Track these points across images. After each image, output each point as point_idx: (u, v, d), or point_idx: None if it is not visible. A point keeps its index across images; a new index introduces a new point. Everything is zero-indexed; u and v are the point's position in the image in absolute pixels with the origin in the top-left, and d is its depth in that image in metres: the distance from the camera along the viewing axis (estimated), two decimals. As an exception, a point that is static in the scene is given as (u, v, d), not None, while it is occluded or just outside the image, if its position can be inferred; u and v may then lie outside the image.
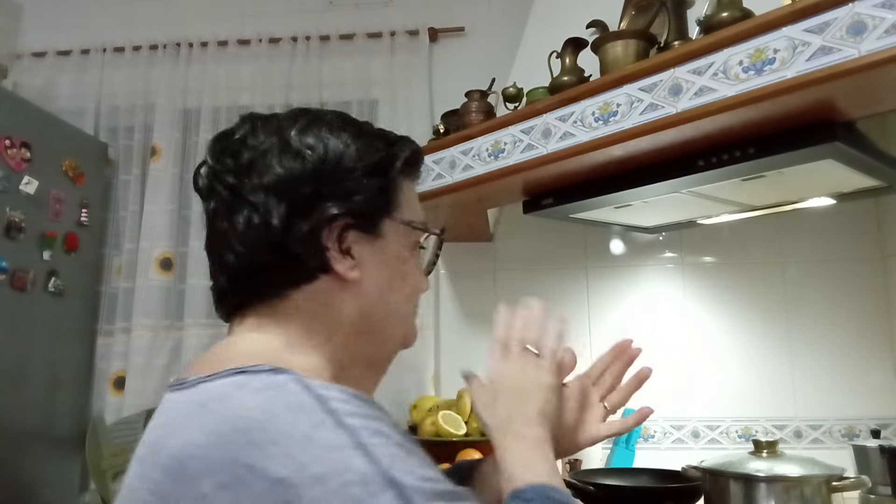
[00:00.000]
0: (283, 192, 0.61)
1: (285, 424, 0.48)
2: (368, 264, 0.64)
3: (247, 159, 0.63)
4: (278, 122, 0.65)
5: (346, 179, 0.63)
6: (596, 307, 1.95)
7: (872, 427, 1.58)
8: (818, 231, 1.82)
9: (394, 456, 0.48)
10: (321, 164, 0.62)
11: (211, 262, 0.66)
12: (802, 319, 1.81)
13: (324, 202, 0.61)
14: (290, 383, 0.52)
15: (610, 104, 1.19)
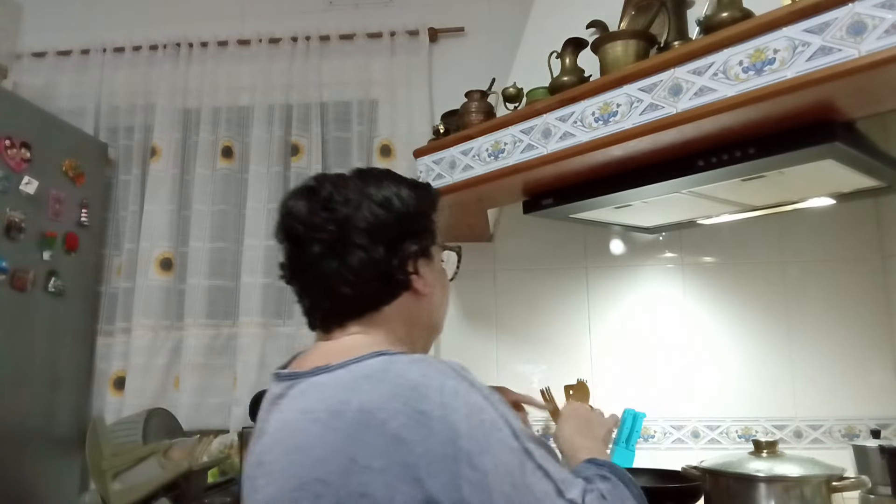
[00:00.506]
0: (379, 236, 0.83)
1: (439, 383, 0.71)
2: (430, 280, 0.89)
3: (343, 214, 0.83)
4: (354, 182, 0.87)
5: (416, 221, 0.88)
6: (596, 307, 1.95)
7: (872, 427, 1.58)
8: (818, 231, 1.82)
9: (505, 408, 0.73)
10: (401, 212, 0.86)
11: (312, 291, 0.88)
12: (802, 319, 1.81)
13: (406, 240, 0.86)
14: (429, 358, 0.76)
15: (610, 104, 1.19)
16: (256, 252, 2.12)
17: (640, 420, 1.81)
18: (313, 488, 0.68)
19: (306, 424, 0.73)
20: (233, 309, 2.14)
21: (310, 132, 2.20)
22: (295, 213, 0.86)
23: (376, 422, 0.68)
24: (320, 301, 0.86)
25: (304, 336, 2.08)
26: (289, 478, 0.71)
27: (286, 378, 0.81)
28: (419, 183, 0.92)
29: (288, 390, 0.79)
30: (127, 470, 1.63)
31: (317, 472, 0.69)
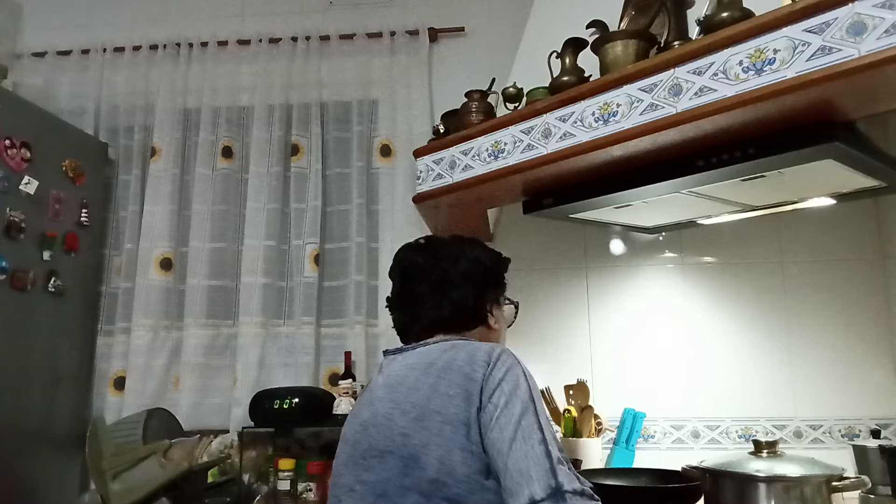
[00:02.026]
0: (471, 281, 1.17)
1: (500, 351, 1.01)
2: (499, 320, 1.23)
3: (446, 263, 1.17)
4: (454, 242, 1.22)
5: (496, 275, 1.24)
6: (596, 307, 1.95)
7: (872, 427, 1.59)
8: (818, 231, 1.82)
9: (537, 393, 0.98)
10: (486, 267, 1.21)
11: (417, 312, 1.16)
12: (802, 319, 1.81)
13: (488, 287, 1.21)
14: (501, 345, 1.07)
15: (610, 104, 1.19)
16: (256, 252, 2.12)
17: (640, 420, 1.81)
18: (403, 407, 1.00)
19: (406, 371, 1.05)
20: (233, 309, 2.14)
21: (310, 132, 2.20)
22: (410, 260, 1.19)
23: (456, 366, 0.99)
24: (419, 318, 1.15)
25: (304, 336, 2.08)
26: (387, 402, 1.03)
27: (394, 352, 1.14)
28: (496, 251, 1.26)
29: (395, 356, 1.12)
30: (127, 470, 1.63)
31: (410, 398, 1.00)
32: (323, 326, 2.12)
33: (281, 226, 2.17)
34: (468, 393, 0.95)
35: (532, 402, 0.94)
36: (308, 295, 2.10)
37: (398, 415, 1.00)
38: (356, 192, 2.15)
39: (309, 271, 2.11)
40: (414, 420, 0.97)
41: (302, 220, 2.15)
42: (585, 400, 1.80)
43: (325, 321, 2.13)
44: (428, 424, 0.95)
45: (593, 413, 1.77)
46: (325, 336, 2.12)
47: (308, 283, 2.10)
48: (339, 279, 2.14)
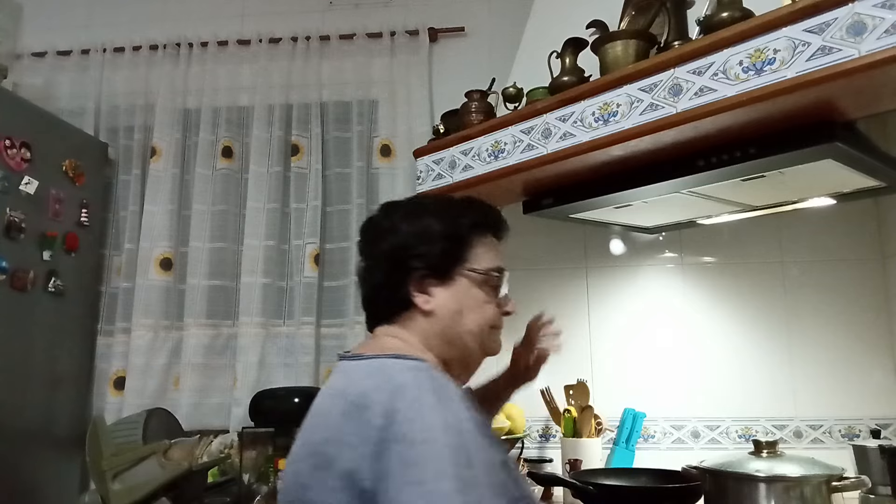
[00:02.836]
0: (388, 259, 0.98)
1: (414, 394, 0.79)
2: (440, 300, 0.96)
3: (377, 241, 1.00)
4: (403, 205, 1.04)
5: (427, 245, 0.96)
6: (596, 307, 1.95)
7: (872, 427, 1.59)
8: (818, 231, 1.82)
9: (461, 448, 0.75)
10: (408, 239, 0.97)
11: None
12: (802, 319, 1.81)
13: (410, 262, 0.96)
14: (428, 370, 0.85)
15: (610, 104, 1.19)
16: (256, 252, 2.12)
17: (640, 420, 1.81)
18: (312, 448, 0.84)
19: (325, 398, 0.90)
20: (233, 309, 2.14)
21: (310, 132, 2.20)
22: (361, 231, 1.06)
23: (363, 408, 0.79)
24: (365, 309, 1.05)
25: (304, 336, 2.08)
26: (303, 435, 0.88)
27: (340, 358, 1.01)
28: (461, 209, 1.01)
29: (341, 364, 0.98)
30: (127, 470, 1.63)
31: (316, 436, 0.85)
32: (323, 326, 2.12)
33: (281, 226, 2.17)
34: (348, 472, 0.75)
35: (450, 467, 0.71)
36: (308, 295, 2.10)
37: (301, 457, 0.85)
38: (356, 192, 2.15)
39: (309, 271, 2.11)
40: (312, 468, 0.81)
41: (302, 220, 2.15)
42: (585, 400, 1.80)
43: (325, 321, 2.13)
44: (324, 478, 0.78)
45: (593, 413, 1.77)
46: (325, 336, 2.12)
47: (308, 283, 2.10)
48: (339, 279, 2.14)
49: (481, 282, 0.97)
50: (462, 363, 0.99)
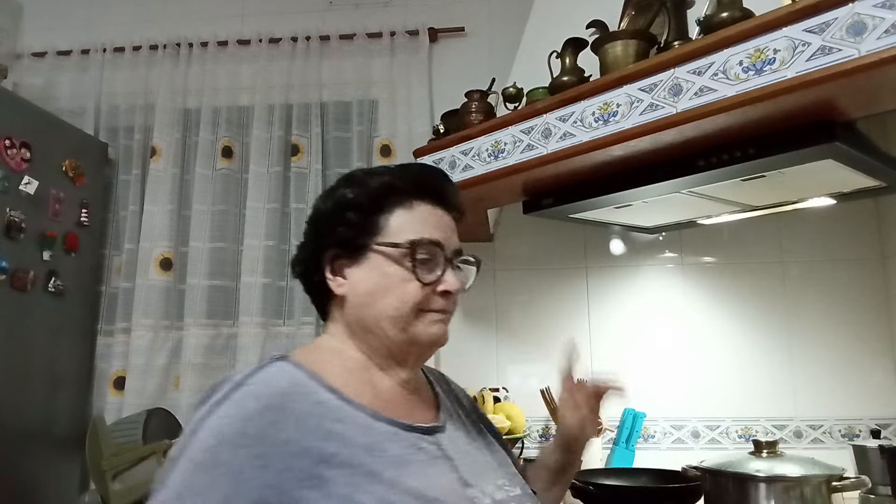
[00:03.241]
0: (305, 241, 0.89)
1: (203, 415, 0.71)
2: (353, 281, 0.83)
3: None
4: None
5: (335, 221, 0.84)
6: (596, 307, 1.95)
7: (872, 427, 1.59)
8: (818, 231, 1.83)
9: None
10: (319, 215, 0.87)
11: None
12: (802, 319, 1.81)
13: (319, 242, 0.86)
14: (249, 388, 0.72)
15: (610, 104, 1.19)
16: (256, 252, 2.12)
17: (640, 420, 1.81)
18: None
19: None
20: (233, 309, 2.14)
21: (310, 132, 2.20)
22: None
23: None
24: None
25: (304, 336, 2.08)
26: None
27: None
28: (381, 173, 0.87)
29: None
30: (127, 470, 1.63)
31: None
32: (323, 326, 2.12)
33: (281, 226, 2.17)
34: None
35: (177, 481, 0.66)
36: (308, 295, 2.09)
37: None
38: (356, 192, 2.15)
39: (309, 271, 2.10)
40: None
41: (302, 220, 2.12)
42: (585, 400, 1.80)
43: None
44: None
45: (593, 413, 1.77)
46: (325, 336, 2.12)
47: (308, 283, 2.10)
48: (339, 279, 2.14)
49: (399, 257, 0.81)
50: (386, 354, 0.84)
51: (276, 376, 0.75)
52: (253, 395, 0.72)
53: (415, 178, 0.86)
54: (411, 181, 0.85)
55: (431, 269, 0.82)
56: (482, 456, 0.88)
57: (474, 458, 0.85)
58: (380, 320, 0.82)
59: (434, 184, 0.87)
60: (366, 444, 0.73)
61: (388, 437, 0.75)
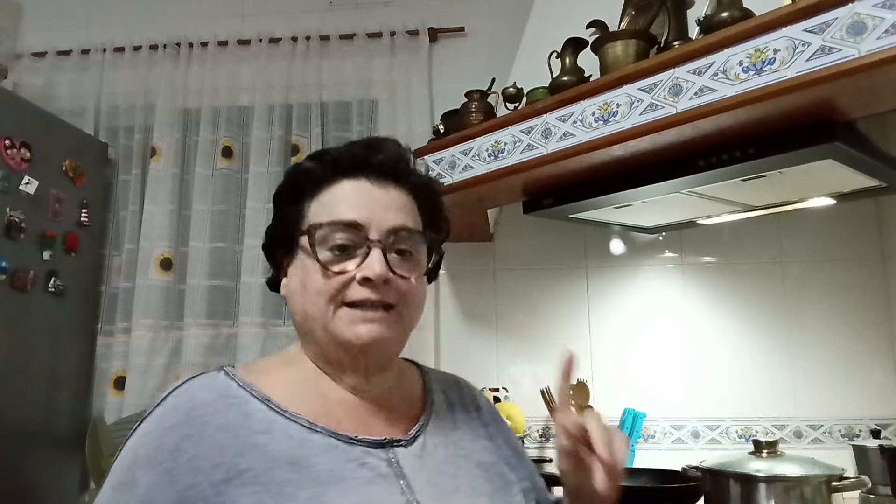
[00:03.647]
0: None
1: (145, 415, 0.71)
2: (290, 278, 0.76)
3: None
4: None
5: (277, 213, 0.79)
6: (596, 307, 1.95)
7: (872, 427, 1.59)
8: (818, 231, 1.82)
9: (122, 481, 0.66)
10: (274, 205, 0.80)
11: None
12: (802, 319, 1.81)
13: (271, 239, 0.79)
14: (179, 393, 0.71)
15: (610, 104, 1.19)
16: (256, 252, 2.11)
17: (640, 420, 1.81)
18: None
19: None
20: (233, 309, 2.14)
21: (310, 132, 2.20)
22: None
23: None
24: None
25: (304, 336, 2.08)
26: None
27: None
28: (292, 169, 0.79)
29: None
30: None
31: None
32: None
33: (281, 226, 2.17)
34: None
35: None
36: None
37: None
38: (356, 192, 2.15)
39: (309, 271, 2.11)
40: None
41: (302, 220, 2.15)
42: (585, 400, 1.80)
43: (325, 321, 2.13)
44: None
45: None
46: (325, 336, 2.12)
47: (308, 283, 2.10)
48: (339, 279, 2.14)
49: (308, 245, 0.72)
50: (325, 359, 0.75)
51: (202, 388, 0.71)
52: (173, 407, 0.69)
53: (338, 154, 0.76)
54: (333, 158, 0.75)
55: (350, 254, 0.71)
56: (465, 479, 0.73)
57: (447, 480, 0.72)
58: (306, 320, 0.73)
59: (357, 155, 0.75)
60: (290, 458, 0.65)
61: (321, 450, 0.67)
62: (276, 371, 0.75)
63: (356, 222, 0.71)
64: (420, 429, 0.76)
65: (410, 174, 0.77)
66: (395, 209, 0.74)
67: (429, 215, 0.79)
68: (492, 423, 0.86)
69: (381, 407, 0.76)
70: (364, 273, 0.69)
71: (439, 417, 0.80)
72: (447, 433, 0.79)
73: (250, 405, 0.69)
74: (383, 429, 0.74)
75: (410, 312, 0.74)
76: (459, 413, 0.83)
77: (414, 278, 0.73)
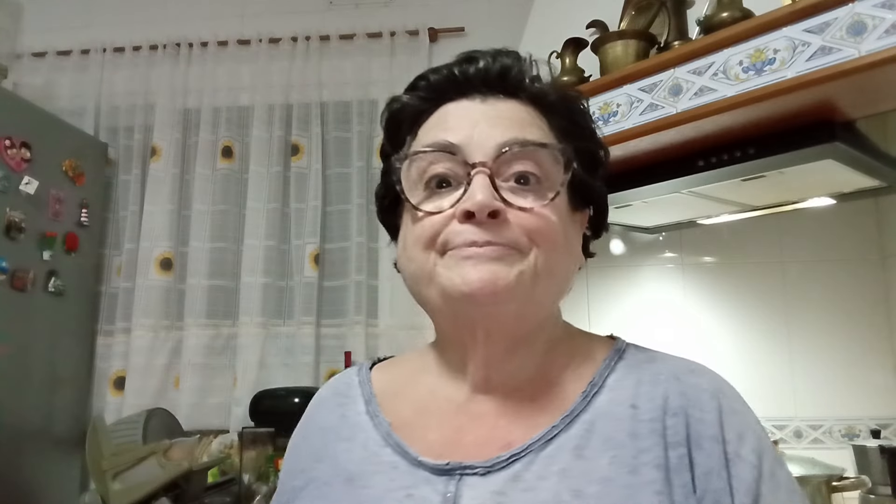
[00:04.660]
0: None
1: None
2: (399, 244, 0.61)
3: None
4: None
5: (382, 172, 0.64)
6: (596, 307, 1.95)
7: (872, 427, 1.59)
8: (818, 231, 1.82)
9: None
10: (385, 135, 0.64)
11: None
12: (802, 319, 1.81)
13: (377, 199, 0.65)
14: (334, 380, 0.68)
15: (610, 104, 1.19)
16: (256, 252, 2.12)
17: (640, 420, 1.81)
18: None
19: None
20: (233, 309, 2.14)
21: (310, 132, 2.20)
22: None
23: None
24: None
25: (304, 336, 2.08)
26: None
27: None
28: (390, 102, 0.63)
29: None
30: (127, 470, 1.63)
31: None
32: (323, 326, 2.12)
33: (281, 226, 2.17)
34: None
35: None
36: (308, 295, 2.10)
37: None
38: (356, 192, 2.15)
39: (309, 271, 2.11)
40: None
41: (302, 220, 2.15)
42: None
43: (325, 321, 2.13)
44: None
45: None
46: (325, 336, 2.12)
47: (308, 283, 2.10)
48: (339, 279, 2.14)
49: (396, 181, 0.57)
50: (443, 331, 0.60)
51: (332, 382, 0.68)
52: (310, 403, 0.68)
53: (434, 76, 0.60)
54: (428, 84, 0.60)
55: (451, 191, 0.54)
56: None
57: None
58: (414, 285, 0.57)
59: (455, 71, 0.59)
60: (352, 474, 0.55)
61: (383, 469, 0.54)
62: (407, 363, 0.65)
63: (450, 143, 0.54)
64: (527, 448, 0.51)
65: (522, 82, 0.58)
66: (506, 123, 0.55)
67: (569, 136, 0.58)
68: (702, 473, 0.51)
69: (503, 409, 0.55)
70: (464, 206, 0.52)
71: (590, 430, 0.53)
72: (584, 456, 0.51)
73: (354, 405, 0.61)
74: (480, 444, 0.53)
75: (546, 259, 0.53)
76: (644, 427, 0.53)
77: (540, 207, 0.53)
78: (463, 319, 0.54)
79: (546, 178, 0.54)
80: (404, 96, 0.61)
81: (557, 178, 0.54)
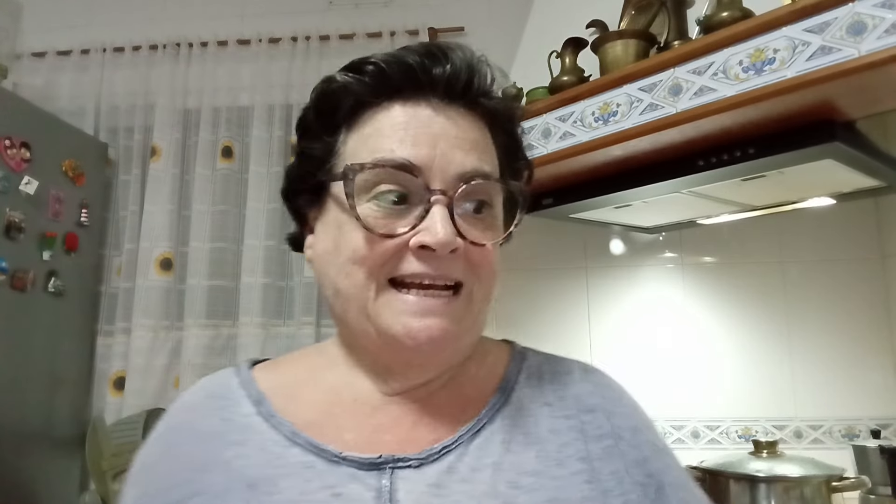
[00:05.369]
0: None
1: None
2: (318, 236, 0.57)
3: None
4: None
5: (299, 147, 0.59)
6: (596, 307, 1.95)
7: (872, 427, 1.59)
8: (818, 231, 1.82)
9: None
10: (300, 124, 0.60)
11: None
12: (802, 319, 1.81)
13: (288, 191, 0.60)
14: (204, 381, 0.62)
15: (610, 104, 1.19)
16: (256, 252, 2.12)
17: (640, 420, 1.81)
18: None
19: None
20: (233, 309, 2.14)
21: (310, 132, 2.20)
22: None
23: None
24: None
25: (304, 336, 2.08)
26: None
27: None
28: (322, 83, 0.57)
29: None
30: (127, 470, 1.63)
31: None
32: (323, 326, 2.12)
33: (281, 226, 2.17)
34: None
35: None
36: (308, 295, 2.10)
37: None
38: (356, 192, 2.15)
39: (309, 271, 2.11)
40: None
41: (302, 220, 2.15)
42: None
43: (325, 321, 2.12)
44: None
45: (593, 413, 1.77)
46: (325, 336, 2.10)
47: (308, 283, 2.10)
48: (339, 279, 2.14)
49: (345, 194, 0.51)
50: (365, 354, 0.57)
51: (202, 386, 0.60)
52: (167, 413, 0.59)
53: (387, 64, 0.53)
54: (380, 71, 0.53)
55: (403, 209, 0.51)
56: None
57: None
58: (338, 297, 0.54)
59: (413, 66, 0.53)
60: (252, 479, 0.51)
61: (293, 471, 0.51)
62: (297, 362, 0.62)
63: (412, 164, 0.50)
64: (457, 441, 0.53)
65: (486, 94, 0.56)
66: (467, 146, 0.52)
67: (508, 155, 0.59)
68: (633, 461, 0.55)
69: (423, 409, 0.55)
70: (422, 238, 0.49)
71: (512, 425, 0.55)
72: (512, 450, 0.53)
73: (237, 408, 0.56)
74: (403, 441, 0.53)
75: (484, 292, 0.55)
76: (561, 423, 0.56)
77: (490, 245, 0.53)
78: (398, 355, 0.54)
79: (495, 206, 0.56)
80: (346, 76, 0.54)
81: (501, 212, 0.57)
